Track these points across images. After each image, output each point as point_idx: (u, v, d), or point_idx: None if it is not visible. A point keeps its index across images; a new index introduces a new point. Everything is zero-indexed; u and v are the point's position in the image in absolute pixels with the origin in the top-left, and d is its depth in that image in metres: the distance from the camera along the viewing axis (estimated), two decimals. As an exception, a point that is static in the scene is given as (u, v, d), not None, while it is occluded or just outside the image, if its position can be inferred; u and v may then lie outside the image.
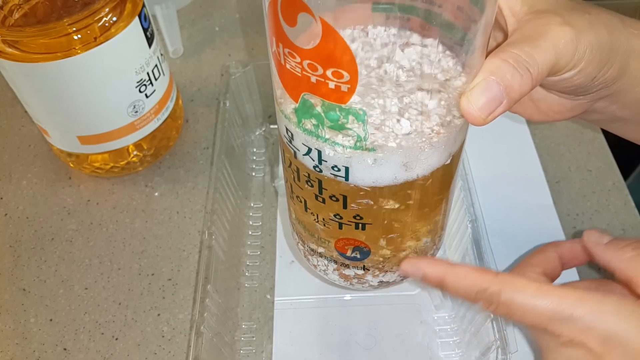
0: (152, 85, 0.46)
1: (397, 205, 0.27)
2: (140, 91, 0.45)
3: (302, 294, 0.43)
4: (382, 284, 0.33)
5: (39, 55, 0.40)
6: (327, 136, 0.23)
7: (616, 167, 0.50)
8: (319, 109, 0.23)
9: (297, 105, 0.23)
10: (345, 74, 0.21)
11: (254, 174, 0.50)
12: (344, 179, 0.25)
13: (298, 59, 0.21)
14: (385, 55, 0.22)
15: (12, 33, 0.39)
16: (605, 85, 0.28)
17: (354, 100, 0.22)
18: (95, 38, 0.40)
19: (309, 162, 0.25)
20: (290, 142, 0.26)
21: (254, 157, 0.52)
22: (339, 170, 0.25)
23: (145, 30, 0.44)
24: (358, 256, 0.30)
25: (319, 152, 0.24)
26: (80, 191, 0.50)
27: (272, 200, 0.48)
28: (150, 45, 0.45)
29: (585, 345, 0.26)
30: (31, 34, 0.39)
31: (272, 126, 0.53)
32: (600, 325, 0.26)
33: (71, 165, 0.50)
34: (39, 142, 0.54)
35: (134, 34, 0.43)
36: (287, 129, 0.26)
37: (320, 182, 0.26)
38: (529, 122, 0.53)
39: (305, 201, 0.28)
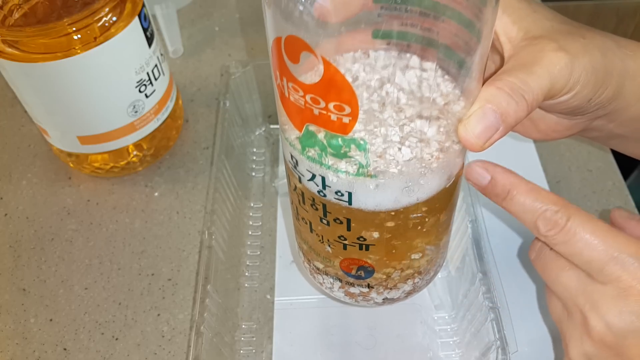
0: (152, 85, 0.46)
1: (399, 227, 0.27)
2: (140, 91, 0.45)
3: (302, 294, 0.43)
4: (387, 301, 0.34)
5: (39, 55, 0.40)
6: (330, 163, 0.24)
7: (616, 167, 0.50)
8: (322, 138, 0.24)
9: (300, 134, 0.24)
10: (346, 107, 0.22)
11: (254, 174, 0.50)
12: (347, 203, 0.26)
13: (301, 93, 0.22)
14: (386, 76, 0.23)
15: (12, 33, 0.39)
16: (602, 106, 0.29)
17: (357, 129, 0.23)
18: (95, 38, 0.40)
19: (314, 187, 0.26)
20: (295, 167, 0.27)
21: (254, 157, 0.52)
22: (342, 195, 0.26)
23: (145, 30, 0.44)
24: (362, 275, 0.31)
25: (323, 178, 0.25)
26: (80, 191, 0.50)
27: (272, 200, 0.48)
28: (150, 45, 0.45)
29: None
30: (31, 34, 0.39)
31: (272, 126, 0.53)
32: None
33: (71, 165, 0.50)
34: (39, 142, 0.54)
35: (134, 34, 0.43)
36: (291, 155, 0.27)
37: (324, 205, 0.27)
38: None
39: (310, 223, 0.29)
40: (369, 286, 0.32)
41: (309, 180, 0.26)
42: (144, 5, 0.44)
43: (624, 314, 0.25)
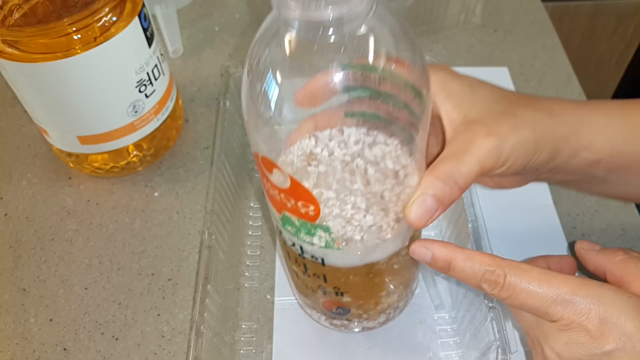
0: (152, 85, 0.46)
1: (366, 279, 0.33)
2: (140, 91, 0.45)
3: (302, 294, 0.43)
4: (365, 329, 0.40)
5: (39, 55, 0.40)
6: (304, 238, 0.30)
7: (616, 167, 0.50)
8: (295, 222, 0.30)
9: (280, 215, 0.31)
10: (310, 205, 0.28)
11: (254, 174, 0.50)
12: (321, 264, 0.32)
13: (277, 192, 0.29)
14: (357, 151, 0.28)
15: (12, 33, 0.39)
16: (540, 166, 0.32)
17: (330, 197, 0.28)
18: (95, 38, 0.40)
19: (296, 250, 0.33)
20: (280, 234, 0.33)
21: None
22: (317, 258, 0.32)
23: (145, 30, 0.44)
24: (342, 312, 0.37)
25: (301, 247, 0.32)
26: (80, 191, 0.50)
27: (272, 200, 0.48)
28: (150, 45, 0.45)
29: (584, 327, 0.28)
30: (31, 34, 0.39)
31: (272, 126, 0.53)
32: (599, 307, 0.28)
33: (71, 165, 0.50)
34: (39, 142, 0.54)
35: (134, 34, 0.43)
36: (276, 226, 0.33)
37: (305, 264, 0.33)
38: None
39: (297, 273, 0.36)
40: (348, 320, 0.38)
41: (291, 245, 0.33)
42: (144, 5, 0.44)
43: (570, 345, 0.29)
